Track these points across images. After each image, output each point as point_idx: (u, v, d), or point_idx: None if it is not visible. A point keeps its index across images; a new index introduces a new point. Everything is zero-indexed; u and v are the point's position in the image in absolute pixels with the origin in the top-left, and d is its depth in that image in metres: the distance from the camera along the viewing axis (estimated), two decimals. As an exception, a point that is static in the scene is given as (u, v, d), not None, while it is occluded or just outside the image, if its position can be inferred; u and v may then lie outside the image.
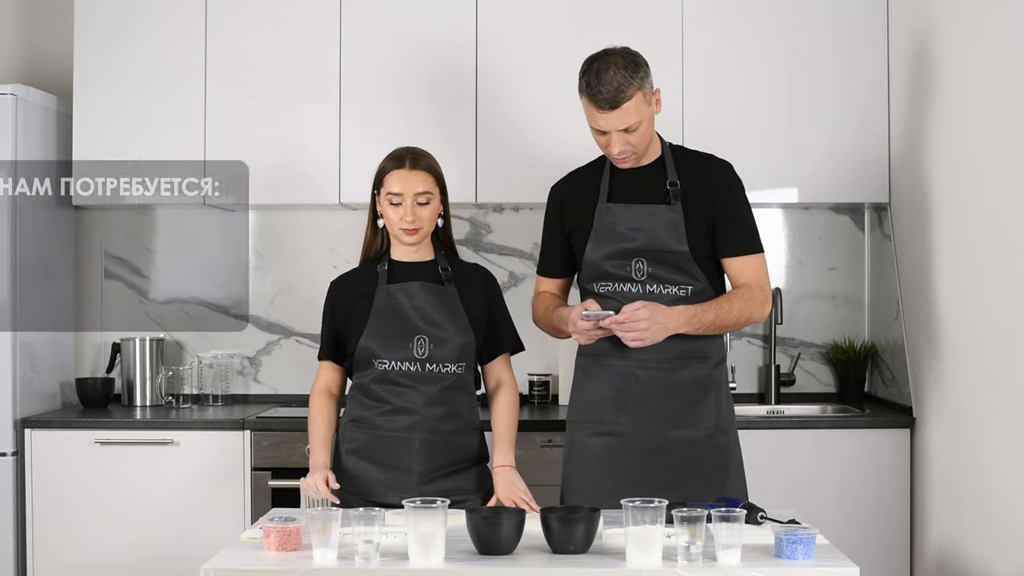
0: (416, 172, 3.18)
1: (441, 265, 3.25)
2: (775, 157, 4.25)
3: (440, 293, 3.20)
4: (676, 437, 3.15)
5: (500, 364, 3.29)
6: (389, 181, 3.19)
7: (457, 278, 3.24)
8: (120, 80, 4.32)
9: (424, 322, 3.16)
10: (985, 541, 3.28)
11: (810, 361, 4.63)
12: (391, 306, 3.18)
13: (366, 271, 3.27)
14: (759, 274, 3.19)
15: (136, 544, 4.05)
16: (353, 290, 3.25)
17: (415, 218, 3.16)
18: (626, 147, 3.10)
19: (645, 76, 3.07)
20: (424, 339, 3.15)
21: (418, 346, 3.14)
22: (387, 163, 3.23)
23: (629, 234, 3.16)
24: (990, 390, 3.23)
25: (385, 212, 3.21)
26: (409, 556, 2.52)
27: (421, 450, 3.12)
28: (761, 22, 4.25)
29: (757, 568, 2.43)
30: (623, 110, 3.04)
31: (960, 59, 3.47)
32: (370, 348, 3.16)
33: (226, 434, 4.09)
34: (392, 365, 3.15)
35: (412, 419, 3.14)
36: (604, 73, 3.03)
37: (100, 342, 4.67)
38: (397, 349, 3.14)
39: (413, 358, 3.14)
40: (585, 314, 3.07)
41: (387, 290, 3.20)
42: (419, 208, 3.16)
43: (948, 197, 3.59)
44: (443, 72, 4.28)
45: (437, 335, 3.16)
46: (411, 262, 3.24)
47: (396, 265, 3.24)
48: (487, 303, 3.26)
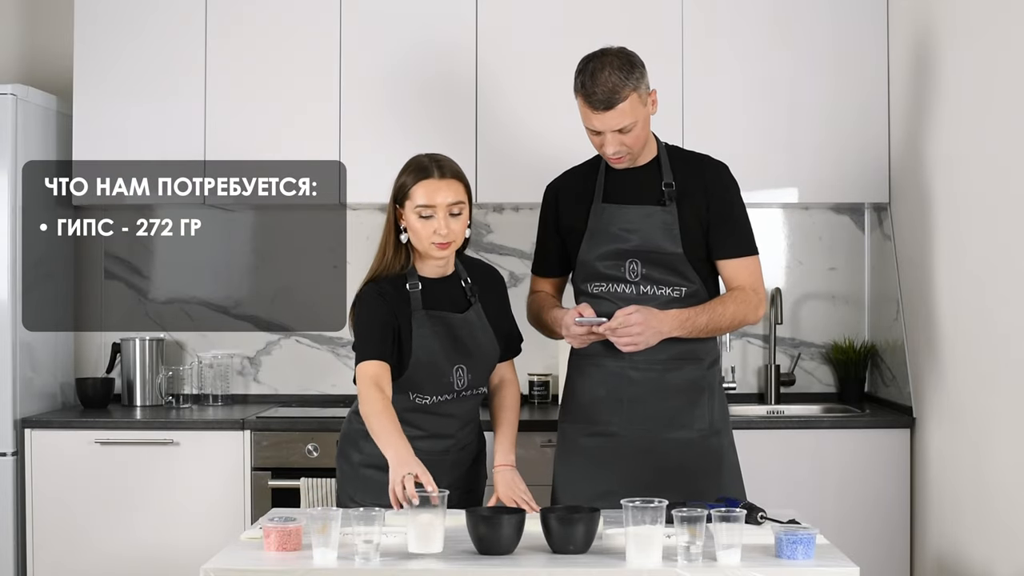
0: (446, 181, 2.98)
1: (463, 278, 3.13)
2: (775, 157, 4.25)
3: (474, 317, 3.10)
4: (669, 438, 3.14)
5: (504, 363, 3.27)
6: (416, 194, 2.97)
7: (479, 290, 3.14)
8: (120, 80, 4.32)
9: (462, 353, 3.06)
10: (985, 541, 3.28)
11: (810, 361, 4.63)
12: (432, 338, 3.03)
13: (394, 288, 3.04)
14: (753, 276, 3.18)
15: (136, 544, 4.05)
16: (396, 306, 3.02)
17: (449, 231, 2.97)
18: (621, 147, 3.09)
19: (641, 77, 3.06)
20: (462, 369, 3.06)
21: (457, 378, 3.06)
22: (410, 175, 3.01)
23: (623, 235, 3.15)
24: (990, 390, 3.23)
25: (412, 226, 2.99)
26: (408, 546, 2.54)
27: (452, 467, 3.09)
28: (761, 22, 4.25)
29: (757, 568, 2.43)
30: (617, 111, 3.02)
31: (960, 59, 3.47)
32: (411, 383, 3.03)
33: (226, 434, 4.08)
34: (432, 399, 3.06)
35: (447, 443, 3.08)
36: (599, 74, 3.02)
37: (100, 342, 4.66)
38: (438, 385, 3.05)
39: (452, 390, 3.06)
40: (578, 320, 3.06)
41: (425, 318, 3.03)
42: (452, 220, 2.97)
43: (948, 197, 3.59)
44: (443, 72, 4.28)
45: (474, 363, 3.08)
46: (439, 279, 3.09)
47: (426, 283, 3.07)
48: (501, 308, 3.21)
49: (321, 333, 4.62)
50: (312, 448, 4.02)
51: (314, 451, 4.02)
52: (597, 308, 3.09)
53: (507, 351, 3.23)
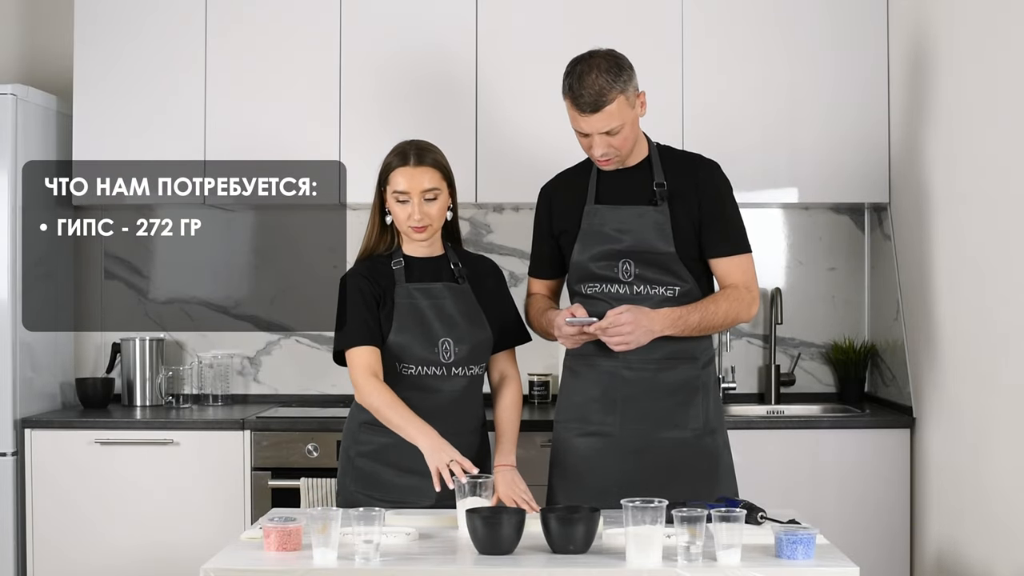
0: (422, 168, 3.09)
1: (452, 261, 3.20)
2: (775, 157, 4.25)
3: (458, 292, 3.16)
4: (663, 438, 3.14)
5: (505, 357, 3.27)
6: (394, 179, 3.11)
7: (469, 274, 3.20)
8: (120, 80, 4.32)
9: (447, 324, 3.11)
10: (985, 541, 3.28)
11: (810, 361, 4.63)
12: (414, 308, 3.11)
13: (379, 266, 3.17)
14: (747, 275, 3.18)
15: (136, 544, 4.05)
16: (376, 283, 3.13)
17: (423, 216, 3.09)
18: (608, 149, 3.09)
19: (628, 79, 3.06)
20: (448, 342, 3.09)
21: (443, 351, 3.09)
22: (391, 159, 3.14)
23: (616, 235, 3.15)
24: (990, 390, 3.23)
25: (392, 210, 3.13)
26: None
27: None
28: (761, 22, 4.25)
29: (757, 568, 2.43)
30: (604, 113, 3.02)
31: (960, 59, 3.47)
32: (396, 352, 3.08)
33: (226, 434, 4.09)
34: (418, 370, 3.09)
35: (436, 425, 3.04)
36: (586, 76, 3.02)
37: (100, 342, 4.67)
38: (424, 354, 3.08)
39: (440, 363, 3.09)
40: (569, 320, 3.06)
41: (407, 290, 3.12)
42: (426, 205, 3.09)
43: (948, 197, 3.59)
44: (443, 72, 4.28)
45: (461, 337, 3.11)
46: (425, 257, 3.19)
47: (410, 261, 3.18)
48: (497, 296, 3.24)
49: (321, 333, 4.61)
50: (312, 448, 4.02)
51: (314, 451, 4.02)
52: (591, 309, 3.09)
53: (504, 338, 3.23)
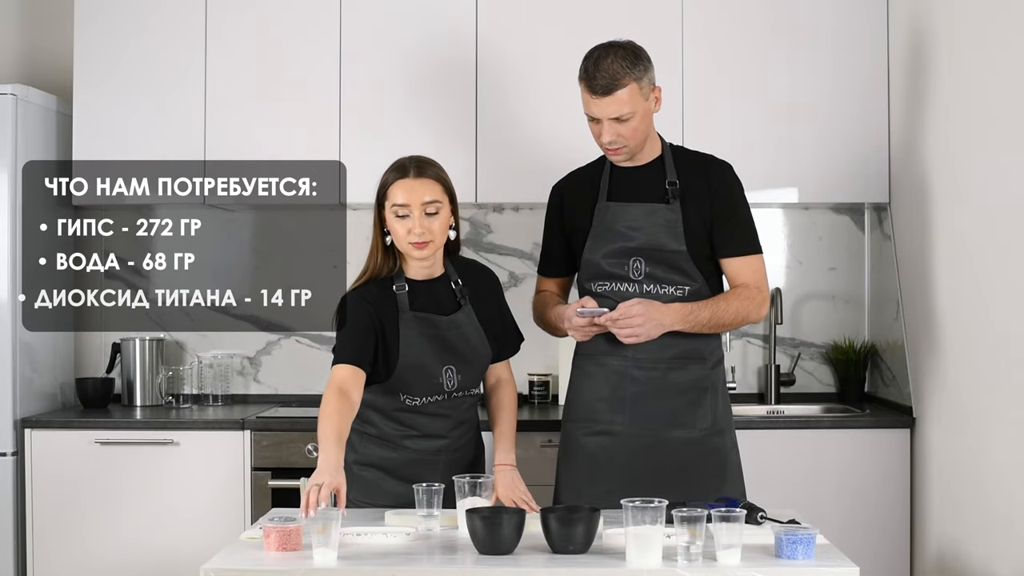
0: (422, 180, 2.99)
1: (453, 280, 3.13)
2: (775, 157, 4.25)
3: (462, 320, 3.09)
4: (671, 437, 3.14)
5: (501, 363, 3.27)
6: (393, 192, 2.99)
7: (470, 292, 3.13)
8: (120, 80, 4.32)
9: (450, 354, 3.06)
10: (985, 541, 3.28)
11: (810, 361, 4.63)
12: (419, 339, 3.03)
13: (381, 289, 3.05)
14: (757, 275, 3.19)
15: (136, 544, 4.05)
16: (381, 310, 3.02)
17: (424, 230, 2.96)
18: (617, 137, 3.09)
19: (645, 70, 3.08)
20: (452, 370, 3.05)
21: (447, 379, 3.05)
22: (389, 174, 3.03)
23: (627, 233, 3.15)
24: (990, 390, 3.23)
25: (392, 227, 3.00)
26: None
27: (445, 468, 3.07)
28: (761, 22, 4.25)
29: (757, 568, 2.43)
30: (615, 98, 3.04)
31: (960, 59, 3.47)
32: (400, 387, 3.04)
33: (226, 434, 4.09)
34: (423, 400, 3.06)
35: (440, 443, 3.09)
36: (602, 60, 3.06)
37: (100, 342, 4.66)
38: (427, 386, 3.04)
39: (443, 391, 3.06)
40: (580, 311, 3.07)
41: (412, 320, 3.03)
42: (427, 219, 2.97)
43: (948, 197, 3.59)
44: (443, 72, 4.28)
45: (464, 364, 3.08)
46: (427, 280, 3.09)
47: (413, 285, 3.07)
48: (496, 309, 3.20)
49: (321, 333, 4.61)
50: (312, 448, 4.02)
51: (314, 451, 4.02)
52: (600, 305, 3.10)
53: (503, 351, 3.22)
